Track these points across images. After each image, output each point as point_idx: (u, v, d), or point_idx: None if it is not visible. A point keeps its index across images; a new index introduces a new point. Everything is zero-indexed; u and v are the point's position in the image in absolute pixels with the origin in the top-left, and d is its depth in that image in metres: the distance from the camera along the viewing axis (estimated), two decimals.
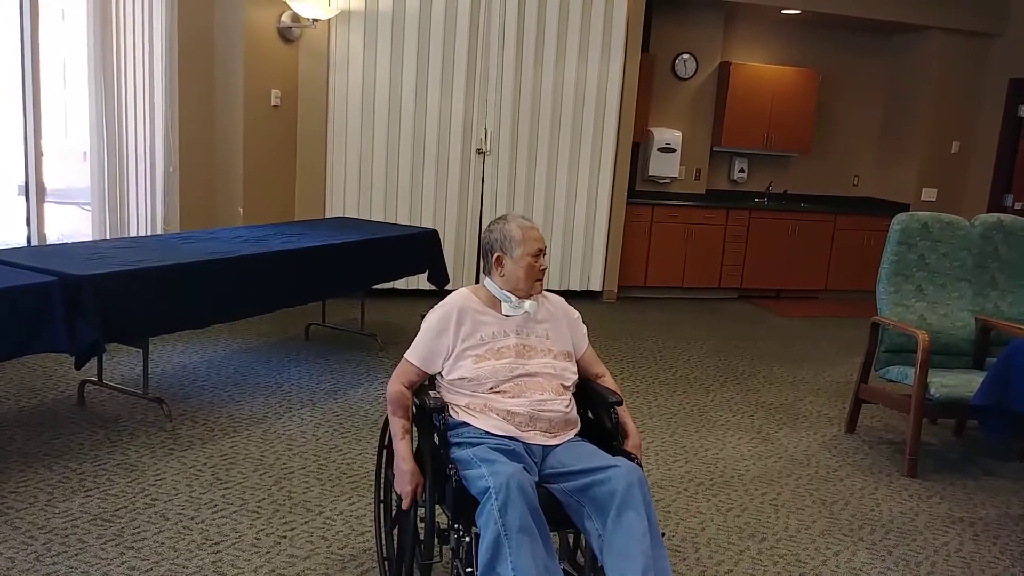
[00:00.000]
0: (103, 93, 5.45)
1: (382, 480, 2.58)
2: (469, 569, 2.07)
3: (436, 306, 2.45)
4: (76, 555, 2.65)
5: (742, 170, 7.97)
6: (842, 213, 7.84)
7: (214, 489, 3.18)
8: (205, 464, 3.40)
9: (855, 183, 8.40)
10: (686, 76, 7.63)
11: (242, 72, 5.95)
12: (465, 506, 2.09)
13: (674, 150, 7.48)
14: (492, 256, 2.42)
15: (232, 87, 6.03)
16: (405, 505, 2.22)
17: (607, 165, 6.90)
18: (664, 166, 7.51)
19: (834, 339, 6.42)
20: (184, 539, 2.79)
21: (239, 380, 4.49)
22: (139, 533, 2.81)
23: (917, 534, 3.22)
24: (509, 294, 2.41)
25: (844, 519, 3.31)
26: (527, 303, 2.41)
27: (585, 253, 7.04)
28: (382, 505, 2.58)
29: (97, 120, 5.48)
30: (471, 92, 6.50)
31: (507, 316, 2.41)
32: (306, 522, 2.97)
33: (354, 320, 5.53)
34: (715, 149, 7.81)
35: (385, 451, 2.51)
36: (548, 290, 2.56)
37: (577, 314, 2.57)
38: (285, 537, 2.86)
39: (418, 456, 2.30)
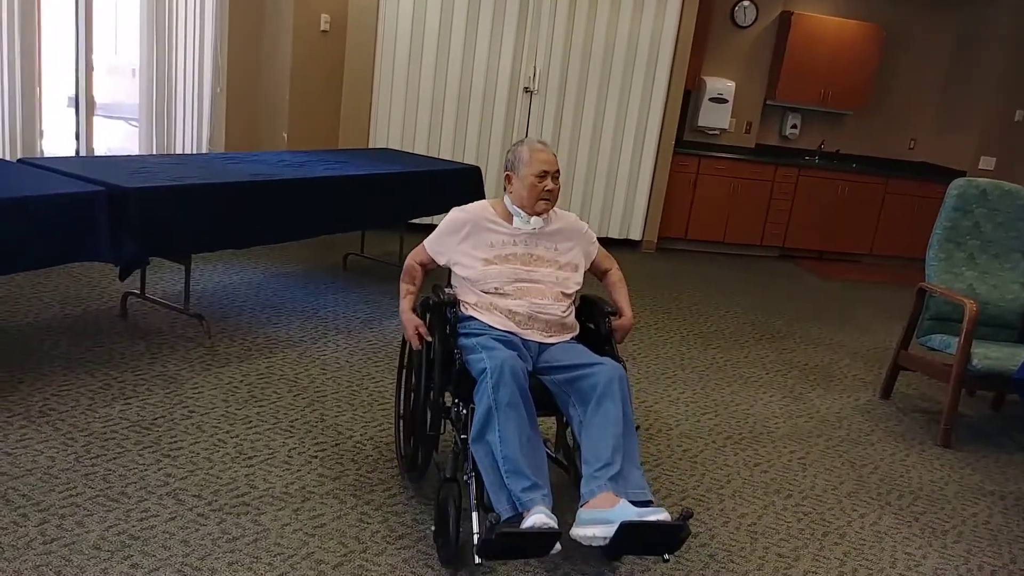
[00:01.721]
0: (154, 11, 5.43)
1: (403, 372, 2.86)
2: (464, 436, 2.41)
3: (458, 208, 2.76)
4: (114, 459, 2.73)
5: (794, 126, 7.75)
6: (895, 177, 7.63)
7: (249, 406, 3.24)
8: (241, 381, 3.46)
9: (911, 146, 8.13)
10: (745, 24, 7.38)
11: None
12: (466, 386, 2.43)
13: (726, 101, 7.28)
14: (504, 174, 2.72)
15: (282, 9, 5.97)
16: (415, 346, 2.57)
17: (656, 112, 6.75)
18: (714, 117, 7.33)
19: (875, 304, 6.31)
20: (219, 451, 2.86)
21: (277, 303, 4.54)
22: (175, 442, 2.88)
23: (946, 503, 3.19)
24: (519, 209, 2.68)
25: (872, 483, 3.28)
26: (533, 219, 2.68)
27: (627, 200, 6.94)
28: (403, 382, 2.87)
29: (147, 38, 5.47)
30: (522, 28, 6.36)
31: (517, 229, 2.68)
32: (337, 444, 3.03)
33: (392, 253, 5.55)
34: (768, 103, 7.59)
35: (407, 346, 2.76)
36: None
37: (586, 226, 2.85)
38: (316, 457, 2.91)
39: (415, 312, 2.64)
